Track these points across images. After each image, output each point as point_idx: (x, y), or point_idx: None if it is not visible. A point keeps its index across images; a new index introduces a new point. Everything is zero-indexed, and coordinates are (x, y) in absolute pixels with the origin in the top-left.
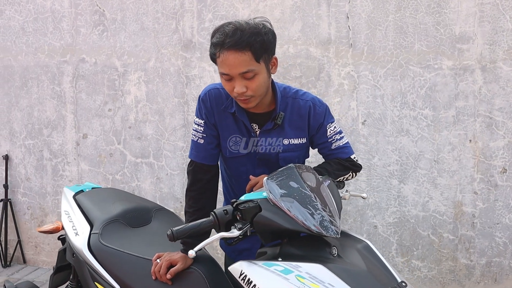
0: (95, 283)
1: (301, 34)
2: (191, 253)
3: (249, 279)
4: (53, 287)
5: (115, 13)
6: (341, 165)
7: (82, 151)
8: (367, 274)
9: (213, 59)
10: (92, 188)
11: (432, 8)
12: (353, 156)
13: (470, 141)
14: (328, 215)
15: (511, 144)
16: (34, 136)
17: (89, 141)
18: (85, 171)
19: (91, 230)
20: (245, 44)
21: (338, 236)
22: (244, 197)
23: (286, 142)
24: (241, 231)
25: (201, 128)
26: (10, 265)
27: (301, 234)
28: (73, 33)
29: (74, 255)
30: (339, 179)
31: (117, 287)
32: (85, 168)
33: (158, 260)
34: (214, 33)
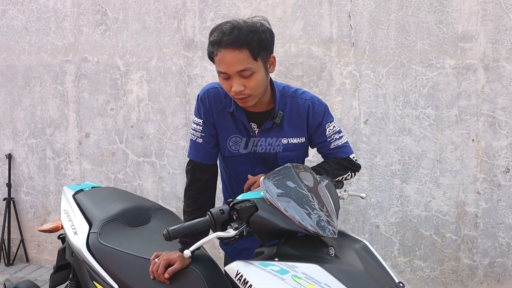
0: (94, 282)
1: (302, 33)
2: (187, 253)
3: (245, 279)
4: (53, 286)
5: (117, 12)
6: (340, 164)
7: (85, 150)
8: (364, 275)
9: (211, 58)
10: (91, 187)
11: (434, 6)
12: (352, 156)
13: (473, 140)
14: (325, 215)
15: None
16: (37, 135)
17: (92, 140)
18: (88, 170)
19: (90, 229)
20: (242, 42)
21: (335, 236)
22: (240, 197)
23: (285, 141)
24: (237, 231)
25: (200, 127)
26: (13, 263)
27: (298, 234)
28: (75, 33)
29: (73, 254)
30: (337, 179)
31: (115, 286)
32: (88, 167)
33: (156, 260)
34: (212, 32)
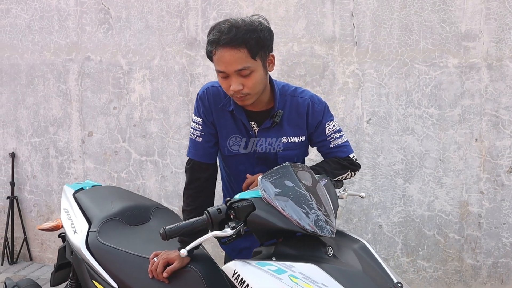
0: (93, 281)
1: (305, 32)
2: (183, 252)
3: (242, 279)
4: (54, 284)
5: (120, 11)
6: (339, 164)
7: (88, 149)
8: (362, 275)
9: (209, 57)
10: (92, 186)
11: (437, 5)
12: (352, 155)
13: (476, 140)
14: (324, 214)
15: None
16: (40, 134)
17: (95, 139)
18: (91, 169)
19: (89, 228)
20: (240, 41)
21: (333, 236)
22: (238, 196)
23: (285, 140)
24: (234, 230)
25: (199, 126)
26: (16, 262)
27: (296, 233)
28: (78, 31)
29: (73, 253)
30: (337, 178)
31: (114, 285)
32: (91, 166)
33: (155, 259)
34: (210, 31)
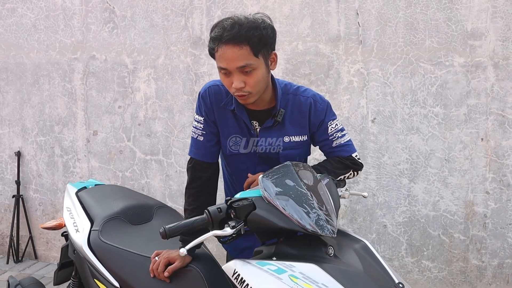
0: (95, 280)
1: (310, 30)
2: (182, 251)
3: (242, 278)
4: (57, 283)
5: (125, 10)
6: (341, 163)
7: (93, 148)
8: (363, 275)
9: (212, 54)
10: (95, 185)
11: (443, 4)
12: (354, 154)
13: (482, 139)
14: (325, 214)
15: None
16: (45, 132)
17: (99, 138)
18: (95, 168)
19: (91, 227)
20: (243, 38)
21: (334, 236)
22: (239, 195)
23: (286, 139)
24: (234, 229)
25: (201, 125)
26: (21, 260)
27: (298, 233)
28: (83, 30)
29: (75, 251)
30: (339, 178)
31: (116, 284)
32: (95, 165)
33: (157, 258)
34: (213, 28)
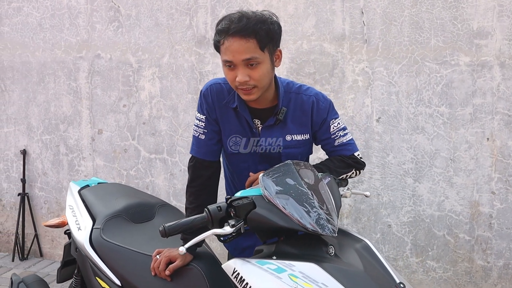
0: (97, 278)
1: (315, 29)
2: (181, 249)
3: (241, 277)
4: (60, 281)
5: (130, 9)
6: (343, 162)
7: (97, 147)
8: (364, 275)
9: (217, 47)
10: (98, 183)
11: (449, 2)
12: (357, 153)
13: (488, 139)
14: (325, 213)
15: None
16: (50, 131)
17: (104, 136)
18: (100, 166)
19: (93, 225)
20: (250, 31)
21: (335, 235)
22: (239, 194)
23: (288, 138)
24: (234, 228)
25: (202, 123)
26: (27, 258)
27: (298, 232)
28: (88, 29)
29: (77, 249)
30: (341, 177)
31: (117, 282)
32: (100, 163)
33: (158, 256)
34: (220, 22)
